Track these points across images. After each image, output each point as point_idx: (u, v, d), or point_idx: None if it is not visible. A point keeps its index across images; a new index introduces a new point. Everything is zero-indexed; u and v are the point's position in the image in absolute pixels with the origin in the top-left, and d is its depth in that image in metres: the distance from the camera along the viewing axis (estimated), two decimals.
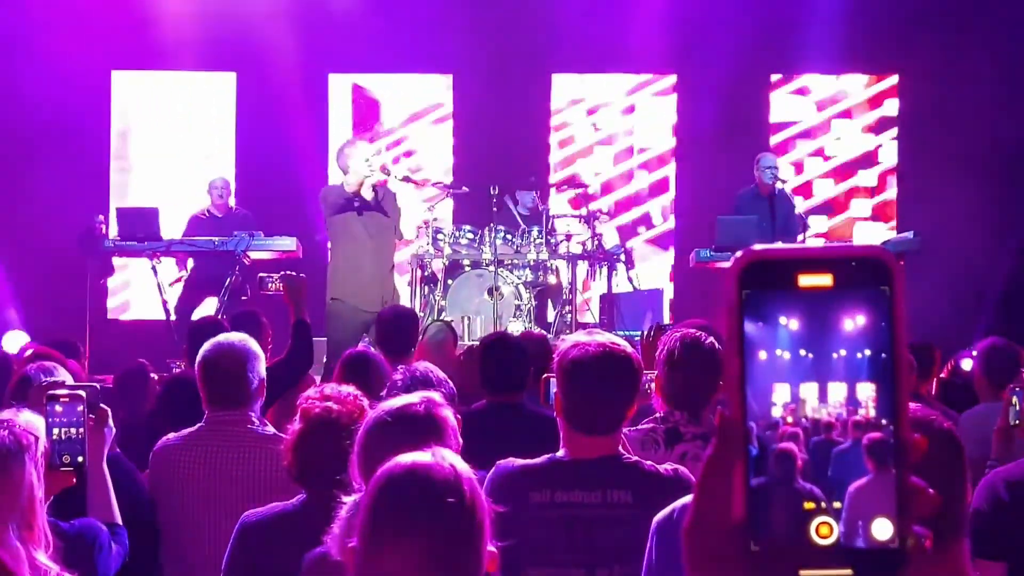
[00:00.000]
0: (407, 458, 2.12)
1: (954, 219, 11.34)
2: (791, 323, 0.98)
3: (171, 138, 12.84)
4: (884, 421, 0.97)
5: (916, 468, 0.97)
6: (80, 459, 2.98)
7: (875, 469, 0.97)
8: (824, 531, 0.97)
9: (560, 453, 3.22)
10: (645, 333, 5.02)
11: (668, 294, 12.29)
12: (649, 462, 3.24)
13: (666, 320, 11.05)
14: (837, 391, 0.97)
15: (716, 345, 3.91)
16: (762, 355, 0.98)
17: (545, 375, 4.04)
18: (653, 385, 3.97)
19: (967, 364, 6.14)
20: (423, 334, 6.85)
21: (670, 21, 12.17)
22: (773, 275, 0.98)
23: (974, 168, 11.59)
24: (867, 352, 0.97)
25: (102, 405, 3.43)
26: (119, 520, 3.42)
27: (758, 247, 1.00)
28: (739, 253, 1.00)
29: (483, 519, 2.10)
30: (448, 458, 2.13)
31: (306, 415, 3.29)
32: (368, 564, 2.07)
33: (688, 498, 2.53)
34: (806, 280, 0.97)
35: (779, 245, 1.01)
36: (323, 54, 12.39)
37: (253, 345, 4.21)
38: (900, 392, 0.97)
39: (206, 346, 4.20)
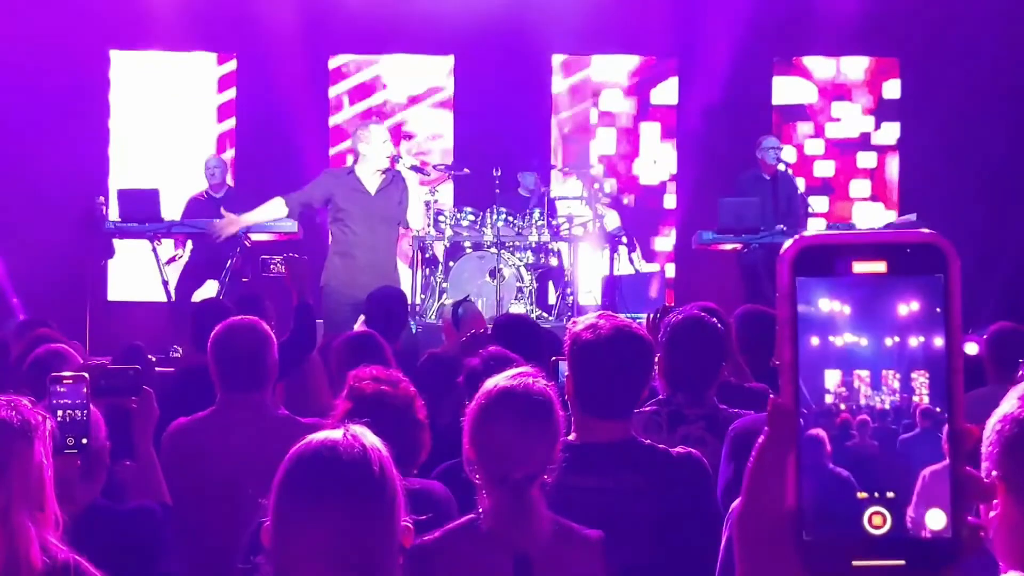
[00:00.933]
0: (317, 436, 2.16)
1: (956, 201, 11.33)
2: (844, 309, 0.96)
3: (170, 119, 12.79)
4: (938, 409, 0.95)
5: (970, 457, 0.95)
6: (84, 441, 2.97)
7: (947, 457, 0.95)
8: (877, 521, 0.95)
9: (571, 437, 3.16)
10: (650, 316, 4.99)
11: (670, 275, 12.27)
12: (662, 445, 3.20)
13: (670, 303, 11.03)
14: (891, 378, 0.95)
15: (719, 326, 3.88)
16: (814, 341, 0.95)
17: (554, 358, 4.00)
18: (656, 367, 3.94)
19: (971, 348, 6.11)
20: (455, 311, 6.86)
21: (671, 3, 12.13)
22: (826, 261, 0.96)
23: (975, 151, 11.57)
24: (921, 339, 0.95)
25: (145, 387, 3.42)
26: (168, 499, 3.42)
27: (811, 233, 0.98)
28: (792, 239, 0.98)
29: (394, 494, 2.12)
30: (359, 434, 2.15)
31: (358, 394, 3.26)
32: (281, 543, 2.09)
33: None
34: (860, 267, 0.96)
35: (833, 231, 0.99)
36: (323, 35, 12.34)
37: (266, 327, 4.18)
38: (955, 381, 0.95)
39: (220, 327, 4.16)
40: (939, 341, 0.95)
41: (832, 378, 0.96)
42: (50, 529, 2.45)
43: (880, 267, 0.96)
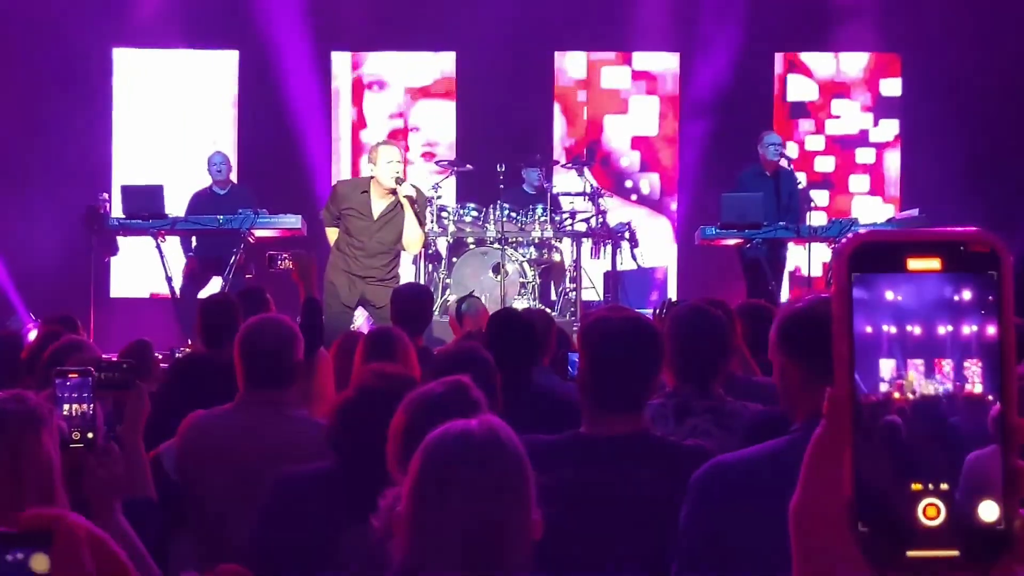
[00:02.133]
0: (456, 425, 2.14)
1: (956, 196, 11.35)
2: (898, 300, 0.98)
3: (174, 116, 12.81)
4: (991, 398, 0.97)
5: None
6: (90, 435, 2.97)
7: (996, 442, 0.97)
8: (931, 512, 0.97)
9: (585, 429, 3.17)
10: (657, 310, 5.01)
11: (672, 271, 12.29)
12: (673, 438, 3.21)
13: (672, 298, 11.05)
14: (945, 367, 0.98)
15: (723, 317, 3.89)
16: (868, 331, 0.98)
17: (563, 351, 4.02)
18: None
19: None
20: (459, 307, 6.89)
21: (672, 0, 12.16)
22: (882, 258, 0.99)
23: (976, 146, 11.58)
24: (974, 328, 0.98)
25: (137, 381, 3.43)
26: (154, 495, 3.42)
27: (868, 231, 1.01)
28: (848, 236, 1.01)
29: (530, 485, 2.11)
30: (494, 425, 2.15)
31: (361, 385, 3.29)
32: (418, 530, 2.07)
33: (725, 458, 2.49)
34: (915, 264, 0.98)
35: (889, 228, 1.02)
36: (326, 32, 12.35)
37: (294, 327, 4.16)
38: (1008, 373, 0.97)
39: (248, 324, 4.14)
40: (992, 331, 0.97)
41: (887, 367, 0.99)
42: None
43: (935, 264, 0.98)
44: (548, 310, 9.77)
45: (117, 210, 10.28)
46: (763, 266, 9.87)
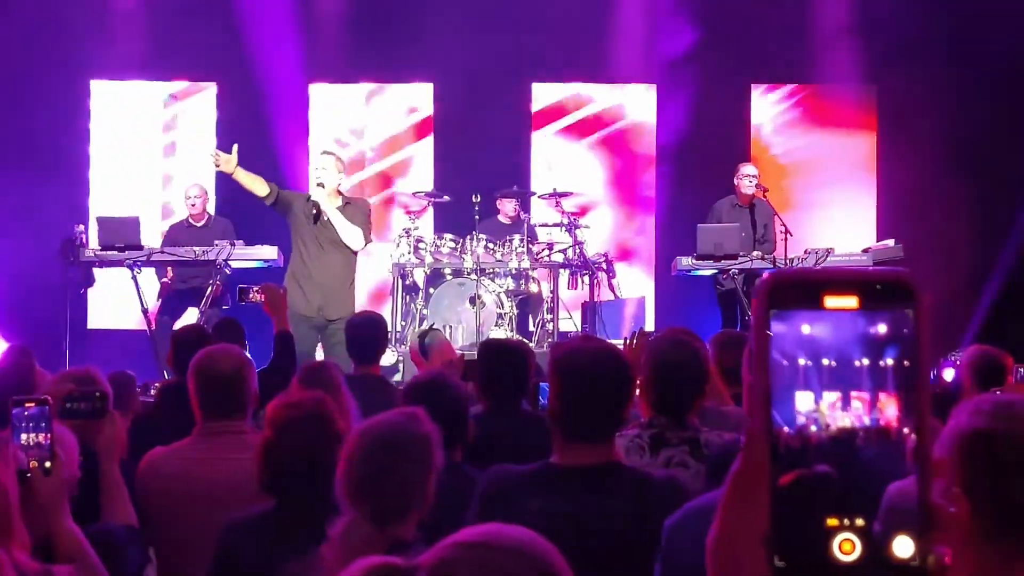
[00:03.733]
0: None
1: (935, 227, 11.42)
2: (815, 335, 0.99)
3: (150, 148, 12.80)
4: (906, 431, 0.98)
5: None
6: (48, 464, 2.96)
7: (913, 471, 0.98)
8: (847, 548, 0.98)
9: (555, 459, 3.17)
10: (628, 339, 5.02)
11: (650, 302, 12.30)
12: (644, 469, 3.21)
13: (649, 328, 11.06)
14: (860, 400, 0.99)
15: (699, 350, 3.89)
16: (786, 365, 0.99)
17: (535, 381, 4.03)
18: (637, 391, 3.94)
19: (949, 374, 6.15)
20: (422, 341, 6.88)
21: (650, 31, 12.21)
22: (800, 295, 1.00)
23: (955, 175, 11.65)
24: (890, 363, 0.99)
25: (111, 410, 3.42)
26: (135, 522, 3.41)
27: (785, 269, 1.02)
28: (766, 274, 1.02)
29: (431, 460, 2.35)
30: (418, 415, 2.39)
31: (272, 423, 3.29)
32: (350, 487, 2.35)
33: (695, 501, 2.53)
34: (832, 302, 1.00)
35: (805, 266, 1.04)
36: (304, 63, 12.36)
37: (246, 355, 4.17)
38: (923, 409, 0.99)
39: (198, 355, 4.13)
40: (907, 366, 0.99)
41: (803, 401, 0.99)
42: (19, 550, 2.46)
43: (852, 302, 0.99)
44: (526, 341, 9.77)
45: (93, 241, 10.26)
46: (739, 297, 9.91)
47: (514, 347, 5.10)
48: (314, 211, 8.78)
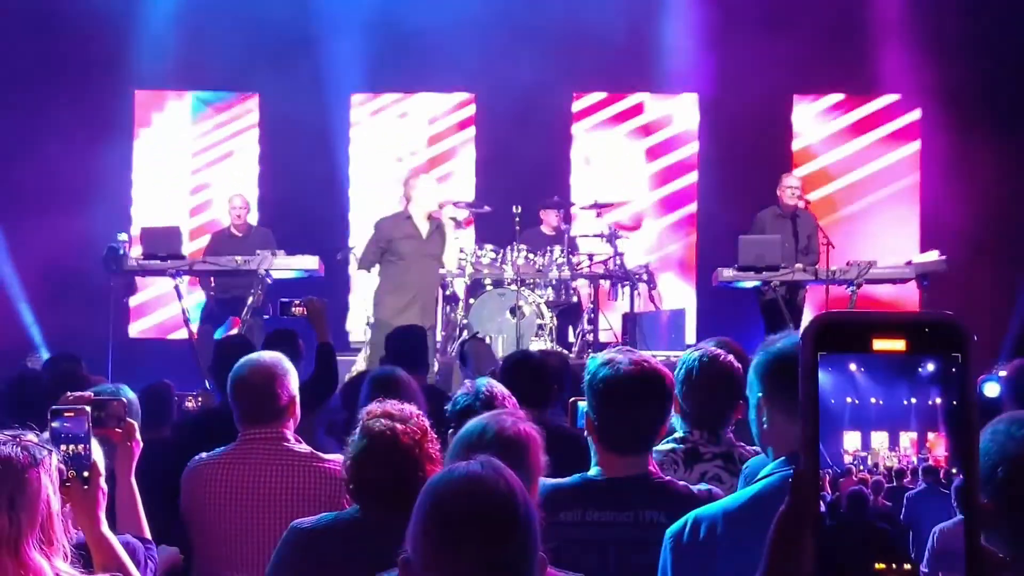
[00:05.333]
0: (459, 468, 2.14)
1: (976, 240, 11.32)
2: (864, 376, 0.97)
3: (192, 158, 12.90)
4: (954, 471, 0.96)
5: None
6: (86, 474, 2.97)
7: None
8: None
9: (592, 472, 3.18)
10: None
11: (691, 313, 12.25)
12: (682, 482, 3.20)
13: (690, 339, 11.02)
14: (907, 441, 0.97)
15: (734, 363, 3.87)
16: (834, 403, 0.97)
17: (573, 398, 4.00)
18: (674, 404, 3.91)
19: (991, 390, 6.07)
20: (462, 348, 6.92)
21: (692, 41, 12.17)
22: (847, 338, 0.98)
23: (998, 187, 11.55)
24: (937, 403, 0.97)
25: (129, 419, 3.42)
26: (149, 535, 3.41)
27: (833, 312, 1.00)
28: (814, 316, 1.01)
29: (535, 526, 2.09)
30: (497, 467, 2.13)
31: (368, 432, 3.25)
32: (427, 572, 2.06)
33: (703, 509, 2.51)
34: (880, 344, 0.98)
35: (853, 310, 1.01)
36: (345, 74, 12.40)
37: (284, 361, 4.19)
38: (971, 454, 0.96)
39: (237, 364, 4.20)
40: (957, 409, 0.97)
41: (850, 439, 0.98)
42: (59, 559, 2.47)
43: (899, 345, 0.98)
44: (565, 352, 9.76)
45: (136, 251, 10.33)
46: (781, 308, 9.84)
47: (534, 358, 5.10)
48: (436, 226, 9.62)
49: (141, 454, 3.45)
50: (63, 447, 2.94)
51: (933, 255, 10.32)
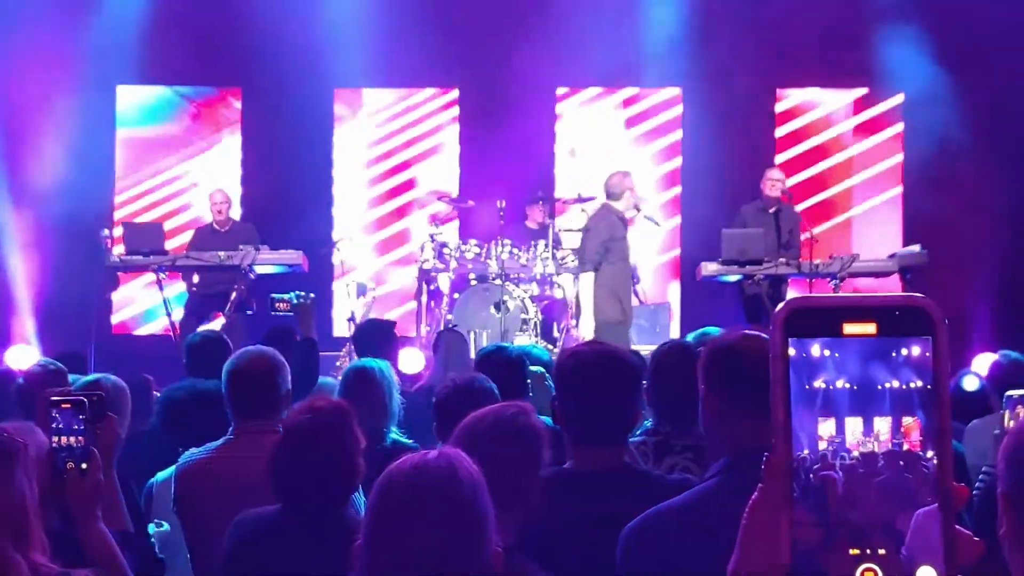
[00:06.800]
0: (415, 454, 2.17)
1: (960, 229, 11.35)
2: (836, 361, 0.97)
3: (177, 152, 12.86)
4: (930, 454, 0.96)
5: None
6: (84, 466, 2.96)
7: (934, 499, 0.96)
8: None
9: (567, 464, 3.15)
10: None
11: (675, 307, 12.26)
12: (657, 472, 3.19)
13: (675, 334, 11.03)
14: (882, 426, 0.97)
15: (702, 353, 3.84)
16: (807, 391, 0.97)
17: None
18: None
19: (971, 383, 6.10)
20: (435, 342, 6.92)
21: (674, 36, 12.17)
22: (817, 323, 0.98)
23: (980, 179, 11.59)
24: (910, 386, 0.97)
25: (109, 413, 3.42)
26: (131, 528, 3.41)
27: (802, 295, 1.00)
28: (784, 302, 1.01)
29: (483, 517, 2.11)
30: (452, 455, 2.16)
31: (284, 427, 3.33)
32: (372, 561, 2.08)
33: (656, 508, 2.50)
34: (851, 328, 0.98)
35: (823, 294, 1.01)
36: (329, 68, 12.38)
37: (279, 356, 4.21)
38: (943, 437, 0.96)
39: (233, 357, 4.21)
40: (927, 392, 0.97)
41: (826, 427, 0.98)
42: (36, 552, 2.47)
43: (870, 328, 0.98)
44: (549, 346, 9.76)
45: (119, 247, 10.31)
46: (764, 302, 9.86)
47: (510, 351, 5.11)
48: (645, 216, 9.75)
49: (123, 448, 3.46)
50: (61, 439, 2.94)
51: (915, 248, 10.35)
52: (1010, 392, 4.36)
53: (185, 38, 12.15)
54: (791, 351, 0.97)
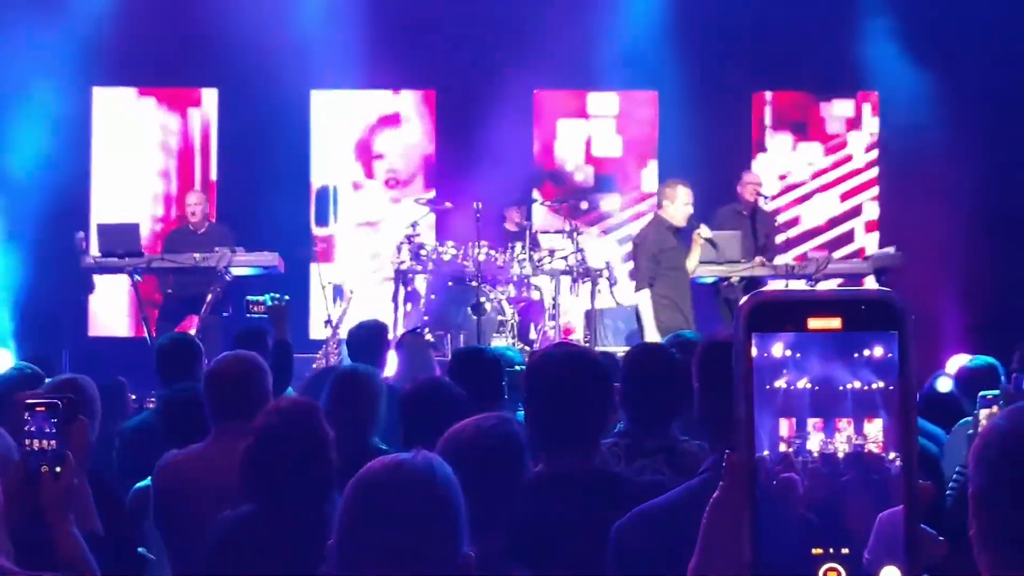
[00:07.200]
0: (389, 456, 2.18)
1: (935, 233, 11.39)
2: (799, 359, 0.96)
3: (152, 154, 12.81)
4: (892, 456, 0.95)
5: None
6: (58, 469, 2.94)
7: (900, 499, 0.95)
8: None
9: (537, 467, 3.12)
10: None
11: None
12: (628, 474, 3.18)
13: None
14: (844, 425, 0.96)
15: (675, 356, 3.83)
16: (769, 390, 0.96)
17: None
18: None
19: (944, 384, 6.13)
20: (401, 339, 6.91)
21: (651, 39, 12.19)
22: (782, 317, 0.97)
23: (954, 185, 11.63)
24: (875, 386, 0.96)
25: (80, 416, 3.40)
26: (100, 531, 3.39)
27: (766, 289, 0.99)
28: (747, 296, 0.99)
29: (455, 520, 2.11)
30: (428, 458, 2.15)
31: (254, 429, 3.34)
32: (344, 559, 2.08)
33: (647, 505, 2.50)
34: (816, 323, 0.96)
35: (788, 287, 1.00)
36: (305, 71, 12.34)
37: (261, 360, 4.22)
38: (909, 435, 0.95)
39: (213, 360, 4.22)
40: (892, 390, 0.96)
41: (785, 427, 0.97)
42: (1, 557, 2.45)
43: (835, 323, 0.96)
44: (526, 348, 9.76)
45: (94, 248, 10.26)
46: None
47: (485, 353, 5.10)
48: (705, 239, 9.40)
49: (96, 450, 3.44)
50: (34, 442, 2.91)
51: (889, 250, 10.40)
52: (984, 392, 4.39)
53: (161, 39, 12.09)
54: (754, 351, 0.96)
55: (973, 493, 1.66)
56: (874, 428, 0.96)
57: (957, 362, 6.66)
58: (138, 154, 12.76)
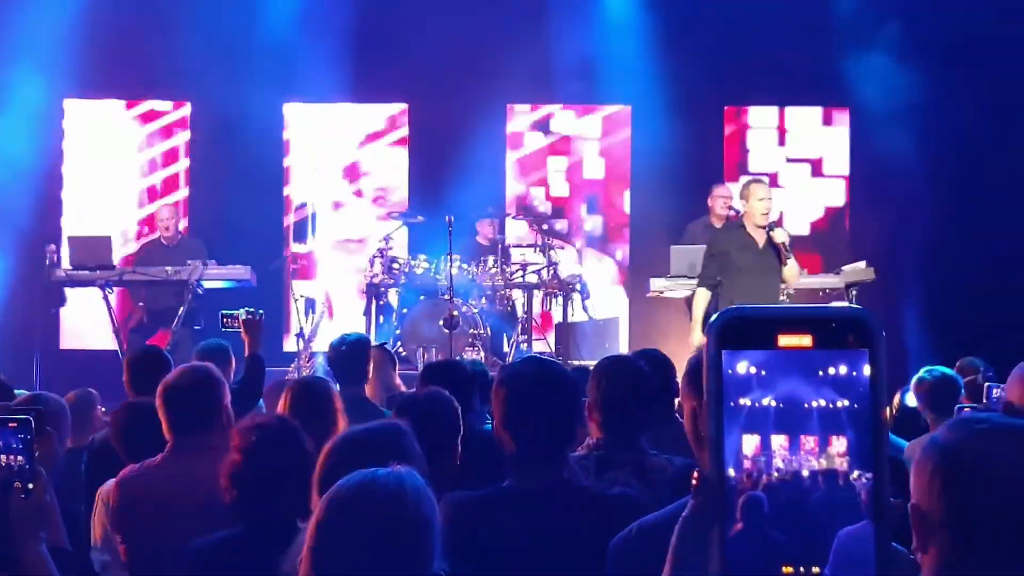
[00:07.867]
0: (360, 472, 2.16)
1: (905, 247, 11.45)
2: (769, 376, 0.95)
3: (124, 167, 12.75)
4: (857, 474, 0.95)
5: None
6: (30, 486, 2.92)
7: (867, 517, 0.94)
8: None
9: (507, 482, 3.13)
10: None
11: (624, 322, 12.29)
12: (598, 487, 3.17)
13: (623, 349, 11.05)
14: (810, 444, 0.95)
15: (647, 369, 3.83)
16: (736, 408, 0.95)
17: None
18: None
19: (911, 399, 6.16)
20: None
21: (625, 53, 12.23)
22: (752, 334, 0.96)
23: (925, 197, 11.69)
24: (844, 404, 0.95)
25: (48, 428, 3.38)
26: (67, 545, 3.37)
27: (737, 306, 0.98)
28: (718, 313, 0.99)
29: (429, 534, 2.10)
30: (401, 474, 2.14)
31: (237, 446, 3.30)
32: (316, 572, 2.06)
33: (647, 518, 2.49)
34: (786, 340, 0.96)
35: (758, 304, 0.98)
36: (278, 83, 12.33)
37: (216, 371, 4.18)
38: (880, 452, 0.95)
39: (170, 374, 4.18)
40: (861, 408, 0.96)
41: (752, 444, 0.96)
42: None
43: (806, 341, 0.96)
44: (499, 361, 9.76)
45: (65, 261, 10.21)
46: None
47: (454, 363, 5.09)
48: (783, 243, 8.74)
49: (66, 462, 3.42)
50: (5, 458, 2.89)
51: (860, 265, 10.43)
52: (961, 405, 4.43)
53: (133, 51, 12.05)
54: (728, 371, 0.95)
55: (912, 506, 1.68)
56: (839, 446, 0.95)
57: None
58: (110, 166, 12.70)
